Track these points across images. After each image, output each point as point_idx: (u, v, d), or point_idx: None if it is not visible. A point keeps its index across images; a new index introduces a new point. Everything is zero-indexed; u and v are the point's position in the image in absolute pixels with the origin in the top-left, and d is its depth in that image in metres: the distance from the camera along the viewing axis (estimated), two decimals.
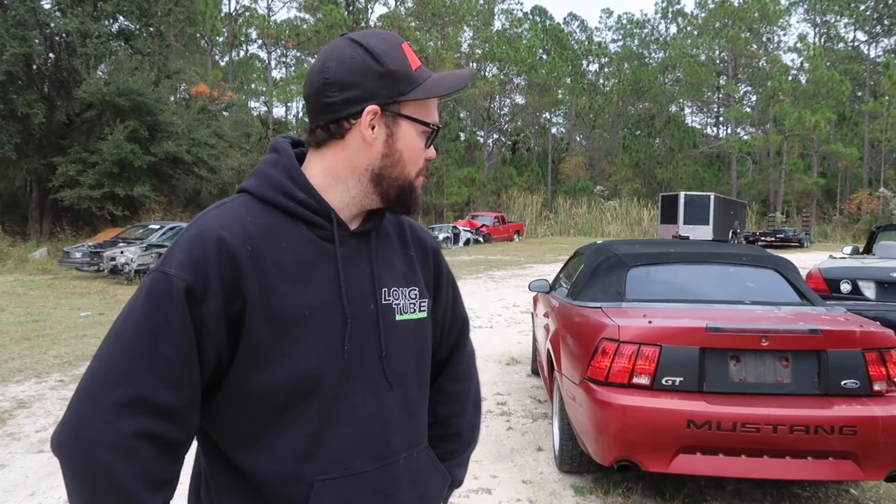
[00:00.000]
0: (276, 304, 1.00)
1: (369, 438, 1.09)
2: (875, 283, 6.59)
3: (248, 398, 1.02)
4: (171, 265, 0.97)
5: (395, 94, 1.06)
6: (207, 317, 0.97)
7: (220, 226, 1.01)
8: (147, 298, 0.96)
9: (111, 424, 0.92)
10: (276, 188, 1.07)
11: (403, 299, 1.16)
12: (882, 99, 41.69)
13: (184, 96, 30.74)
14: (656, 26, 61.62)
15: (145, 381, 0.93)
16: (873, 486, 3.78)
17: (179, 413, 0.96)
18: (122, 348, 0.95)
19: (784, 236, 31.08)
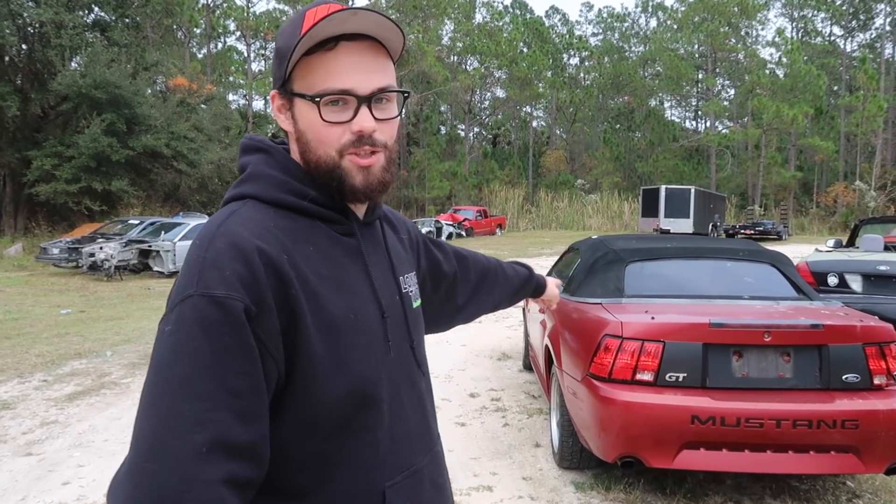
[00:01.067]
0: (324, 312, 0.93)
1: (419, 431, 1.07)
2: (862, 276, 6.66)
3: (313, 417, 0.93)
4: (215, 286, 0.84)
5: (282, 72, 0.98)
6: (265, 337, 0.87)
7: (253, 236, 0.90)
8: (197, 328, 0.83)
9: (196, 477, 0.78)
10: (285, 189, 0.99)
11: (412, 286, 1.16)
12: (858, 93, 42.28)
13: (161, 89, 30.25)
14: (636, 20, 61.99)
15: (218, 419, 0.81)
16: (869, 479, 3.82)
17: (256, 448, 0.85)
18: (181, 388, 0.81)
19: (763, 229, 31.46)
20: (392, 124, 1.00)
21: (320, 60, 0.95)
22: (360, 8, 0.93)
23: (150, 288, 13.20)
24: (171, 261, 14.92)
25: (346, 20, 0.92)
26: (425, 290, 1.33)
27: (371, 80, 0.96)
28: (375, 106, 0.97)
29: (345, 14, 0.91)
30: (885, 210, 38.00)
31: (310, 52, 0.95)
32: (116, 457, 4.11)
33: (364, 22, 0.94)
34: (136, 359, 6.77)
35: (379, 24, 0.95)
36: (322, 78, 0.95)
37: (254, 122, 37.52)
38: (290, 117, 1.00)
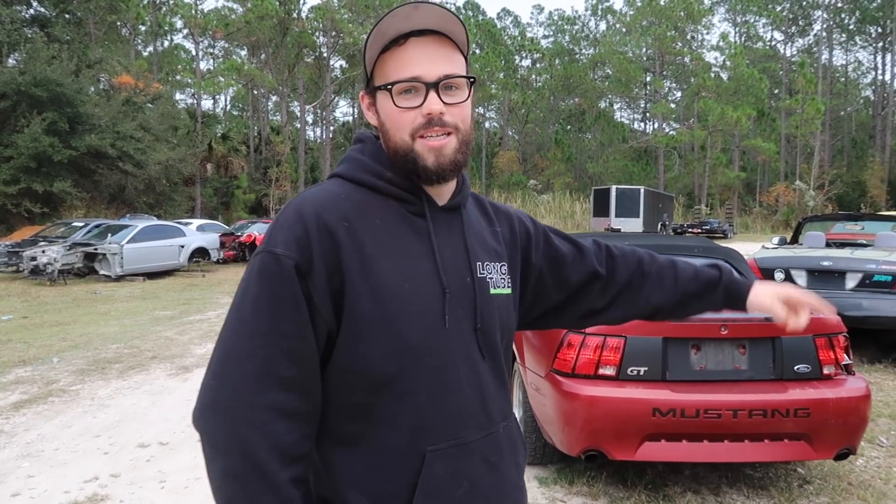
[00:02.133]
0: (376, 277, 1.03)
1: (475, 408, 1.11)
2: (806, 271, 6.93)
3: (357, 370, 1.04)
4: (277, 245, 1.00)
5: (366, 74, 1.13)
6: (314, 291, 1.00)
7: (317, 203, 1.05)
8: (259, 278, 1.00)
9: (243, 398, 0.96)
10: (366, 170, 1.12)
11: (496, 274, 1.20)
12: (797, 96, 43.96)
13: (106, 87, 29.37)
14: (586, 23, 63.09)
15: (269, 354, 0.97)
16: (818, 465, 3.97)
17: (302, 384, 1.00)
18: (243, 326, 0.99)
19: (710, 228, 32.40)
20: (462, 108, 1.09)
21: (392, 56, 1.07)
22: (422, 2, 1.03)
23: (96, 292, 12.80)
24: (118, 264, 14.50)
25: (409, 15, 1.03)
26: (543, 285, 1.34)
27: (437, 67, 1.06)
28: (444, 91, 1.06)
29: (407, 9, 1.02)
30: (823, 209, 39.59)
31: (385, 51, 1.08)
32: (69, 466, 3.97)
33: (426, 16, 1.04)
34: (84, 365, 6.55)
35: (440, 16, 1.05)
36: (394, 69, 1.07)
37: (202, 122, 36.71)
38: (374, 112, 1.13)
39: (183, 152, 29.15)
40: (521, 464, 1.23)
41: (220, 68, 41.55)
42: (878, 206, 42.31)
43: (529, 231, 1.33)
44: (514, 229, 1.30)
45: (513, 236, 1.29)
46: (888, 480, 3.78)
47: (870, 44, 57.16)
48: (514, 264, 1.27)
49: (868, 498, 3.53)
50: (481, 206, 1.29)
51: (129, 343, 7.72)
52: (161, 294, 12.72)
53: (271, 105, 54.60)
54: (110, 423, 4.82)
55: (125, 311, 10.32)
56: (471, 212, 1.23)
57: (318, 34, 41.47)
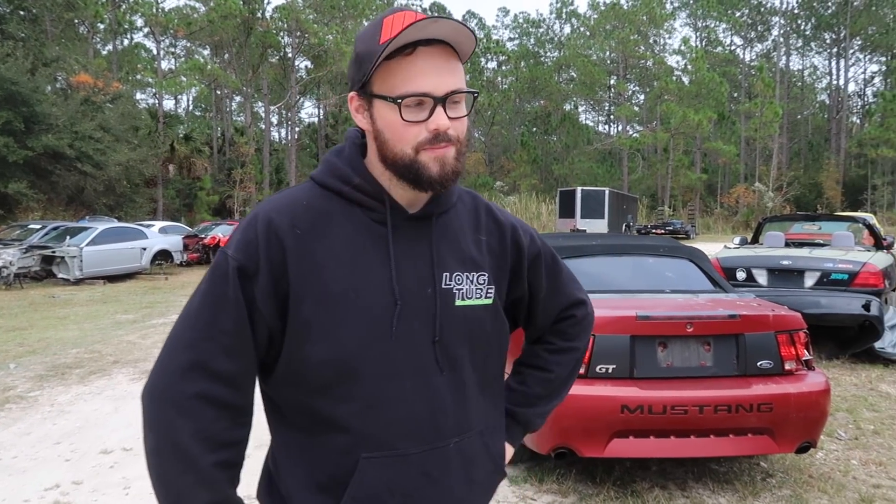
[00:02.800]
0: (324, 285, 1.04)
1: (417, 421, 1.10)
2: (767, 270, 7.11)
3: (297, 372, 1.07)
4: (231, 246, 1.06)
5: (361, 76, 1.06)
6: (257, 294, 1.03)
7: (273, 209, 1.07)
8: (210, 275, 1.06)
9: (175, 384, 1.02)
10: (335, 174, 1.12)
11: (468, 284, 1.15)
12: (756, 100, 45.03)
13: (63, 86, 28.66)
14: (551, 26, 63.66)
15: (205, 347, 1.02)
16: (780, 459, 4.06)
17: (235, 378, 1.04)
18: (188, 318, 1.05)
19: (672, 228, 32.99)
20: (463, 122, 1.08)
21: (399, 65, 1.03)
22: (439, 16, 1.02)
23: (54, 296, 12.46)
24: (77, 267, 14.15)
25: (426, 27, 1.01)
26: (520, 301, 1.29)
27: (445, 82, 1.04)
28: (449, 106, 1.05)
29: (426, 22, 1.00)
30: (781, 209, 40.62)
31: (389, 57, 1.03)
32: (28, 474, 3.86)
33: (442, 28, 1.02)
34: (43, 371, 6.38)
35: (455, 29, 1.03)
36: (402, 81, 1.03)
37: (164, 122, 36.03)
38: (367, 117, 1.09)
39: (144, 153, 28.59)
40: (477, 480, 1.18)
41: (183, 68, 40.85)
42: (834, 206, 43.61)
43: (522, 246, 1.26)
44: (506, 239, 1.24)
45: (502, 246, 1.23)
46: (847, 472, 3.89)
47: (825, 49, 58.90)
48: (499, 275, 1.21)
49: (828, 490, 3.63)
50: (475, 212, 1.23)
51: (90, 348, 7.53)
52: (122, 297, 12.45)
53: (235, 105, 53.91)
54: (71, 429, 4.69)
55: (85, 315, 10.08)
56: (454, 219, 1.18)
57: (283, 34, 41.08)
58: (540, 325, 1.36)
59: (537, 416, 1.37)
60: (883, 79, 55.99)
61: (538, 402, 1.37)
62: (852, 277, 6.77)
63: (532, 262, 1.29)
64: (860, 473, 3.89)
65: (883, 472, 3.91)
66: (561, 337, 1.37)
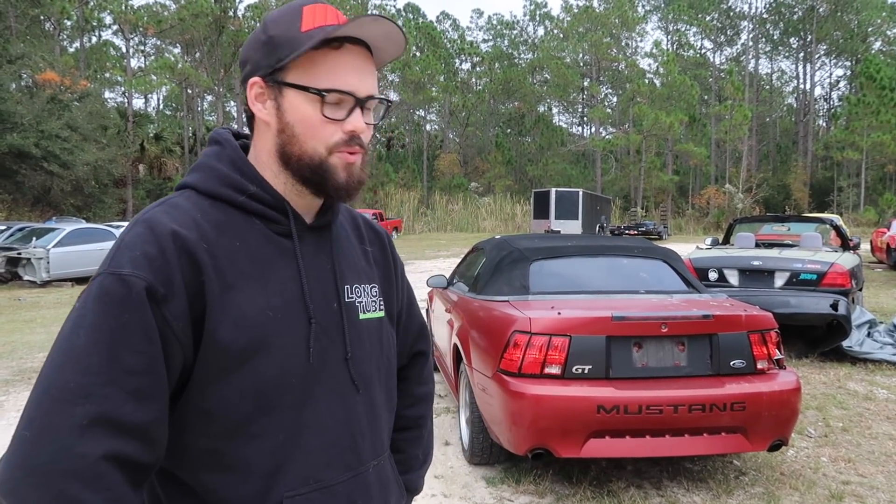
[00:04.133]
0: (237, 306, 0.91)
1: (340, 447, 1.01)
2: (738, 270, 7.21)
3: (209, 411, 0.91)
4: (123, 265, 0.85)
5: (274, 61, 0.96)
6: (171, 319, 0.86)
7: (172, 221, 0.90)
8: (98, 304, 0.84)
9: (72, 449, 0.78)
10: (224, 182, 0.98)
11: (366, 297, 1.10)
12: (726, 103, 45.74)
13: (29, 84, 28.04)
14: (525, 28, 64.02)
15: (106, 394, 0.80)
16: (752, 457, 4.12)
17: (147, 430, 0.84)
18: (74, 361, 0.81)
19: (645, 229, 33.31)
20: (372, 129, 1.03)
21: (325, 57, 0.96)
22: (383, 17, 0.96)
23: (20, 299, 12.17)
24: (44, 269, 13.84)
25: (365, 25, 0.95)
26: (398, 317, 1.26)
27: (367, 84, 0.99)
28: (364, 110, 0.99)
29: (367, 20, 0.94)
30: (751, 211, 41.33)
31: (314, 48, 0.95)
32: None
33: (377, 30, 0.97)
34: (8, 375, 6.22)
35: (387, 34, 0.98)
36: (326, 75, 0.95)
37: (134, 122, 35.46)
38: (273, 108, 0.98)
39: (113, 153, 28.12)
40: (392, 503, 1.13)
41: (153, 66, 40.26)
42: (802, 208, 44.51)
43: (396, 257, 1.26)
44: (386, 249, 1.23)
45: (384, 256, 1.21)
46: (817, 469, 3.96)
47: (792, 54, 60.04)
48: (386, 286, 1.18)
49: (799, 486, 3.69)
50: (354, 222, 1.19)
51: None
52: None
53: (207, 105, 53.25)
54: None
55: (52, 319, 9.85)
56: (342, 230, 1.13)
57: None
58: (400, 352, 1.27)
59: (420, 478, 1.29)
60: (848, 83, 57.30)
61: (420, 465, 1.29)
62: (821, 277, 6.90)
63: (400, 274, 1.26)
64: (830, 470, 3.96)
65: (852, 469, 3.98)
66: (417, 382, 1.32)
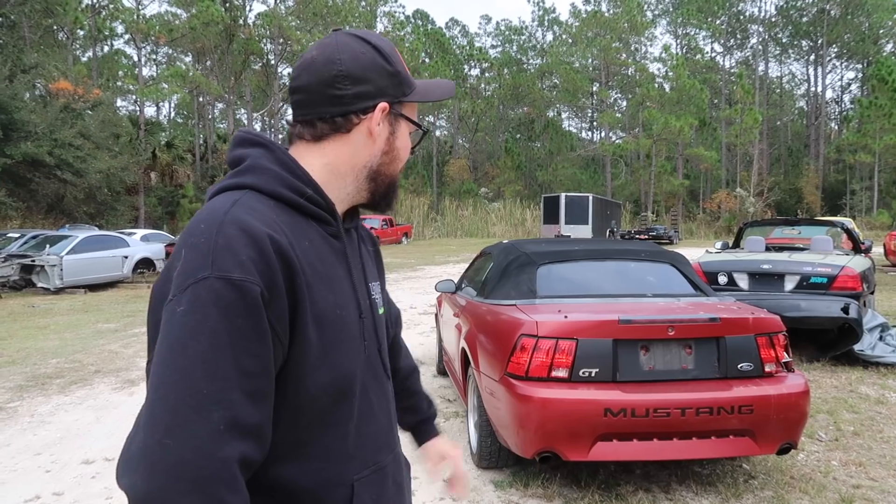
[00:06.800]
0: (318, 304, 0.97)
1: (386, 431, 1.13)
2: (748, 274, 7.18)
3: (296, 404, 0.97)
4: (231, 269, 0.86)
5: (400, 94, 1.10)
6: (275, 321, 0.90)
7: (262, 223, 0.92)
8: (215, 309, 0.85)
9: (214, 454, 0.81)
10: (284, 184, 1.02)
11: (378, 294, 1.21)
12: (736, 107, 45.58)
13: (42, 93, 28.35)
14: (533, 33, 64.01)
15: (234, 398, 0.84)
16: (762, 460, 4.11)
17: (262, 430, 0.88)
18: (200, 367, 0.83)
19: (656, 234, 33.15)
20: None
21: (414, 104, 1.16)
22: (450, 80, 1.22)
23: (34, 305, 12.29)
24: (57, 276, 13.97)
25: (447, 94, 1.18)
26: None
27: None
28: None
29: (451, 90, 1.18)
30: (762, 214, 41.09)
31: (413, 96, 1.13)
32: (7, 486, 3.81)
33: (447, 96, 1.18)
34: (23, 381, 6.29)
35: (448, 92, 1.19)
36: (413, 116, 1.15)
37: (146, 130, 35.75)
38: (387, 131, 1.10)
39: (125, 160, 28.34)
40: (410, 481, 1.27)
41: (164, 75, 40.54)
42: (814, 211, 44.21)
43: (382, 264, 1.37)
44: (378, 249, 1.33)
45: (378, 255, 1.33)
46: (827, 473, 3.94)
47: (802, 56, 59.77)
48: (383, 284, 1.30)
49: (809, 490, 3.67)
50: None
51: (71, 357, 7.44)
52: (104, 306, 12.30)
53: (217, 112, 53.59)
54: (52, 440, 4.63)
55: (66, 325, 9.95)
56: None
57: (266, 41, 40.99)
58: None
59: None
60: (860, 86, 56.95)
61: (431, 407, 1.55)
62: (831, 281, 6.86)
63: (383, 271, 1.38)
64: (840, 474, 3.94)
65: (863, 473, 3.96)
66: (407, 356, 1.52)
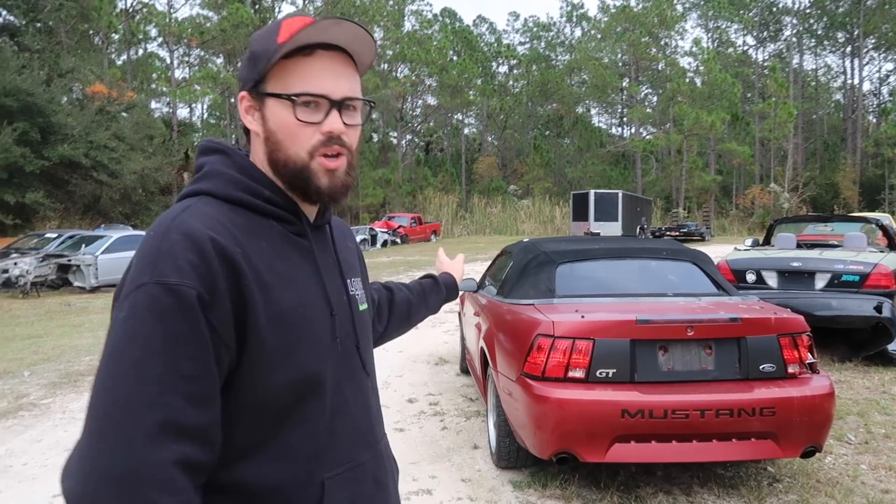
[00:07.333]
0: (276, 304, 0.98)
1: (362, 428, 1.11)
2: (777, 272, 7.04)
3: (255, 405, 0.97)
4: (168, 274, 0.88)
5: (255, 74, 1.04)
6: (218, 324, 0.90)
7: (206, 227, 0.93)
8: (149, 314, 0.86)
9: (147, 457, 0.82)
10: (240, 187, 1.03)
11: (359, 290, 1.21)
12: (770, 100, 44.63)
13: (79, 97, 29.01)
14: (562, 29, 63.47)
15: (168, 401, 0.85)
16: (787, 463, 4.03)
17: (207, 432, 0.89)
18: (134, 371, 0.84)
19: (687, 231, 32.69)
20: (357, 130, 1.08)
21: (297, 64, 1.02)
22: (342, 18, 1.01)
23: (70, 304, 12.60)
24: (93, 275, 14.29)
25: (328, 29, 1.00)
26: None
27: (342, 86, 1.04)
28: (344, 112, 1.05)
29: (328, 23, 0.99)
30: (797, 210, 40.19)
31: (287, 57, 1.01)
32: (37, 481, 3.91)
33: (345, 33, 1.02)
34: (56, 378, 6.46)
35: (357, 36, 1.04)
36: (299, 80, 1.01)
37: (179, 131, 36.39)
38: (259, 118, 1.05)
39: (159, 161, 28.88)
40: (395, 479, 1.24)
41: (196, 76, 41.21)
42: (851, 207, 43.08)
43: (359, 250, 1.37)
44: (356, 244, 1.34)
45: (359, 251, 1.33)
46: (855, 477, 3.85)
47: (838, 48, 58.25)
48: (364, 278, 1.31)
49: (836, 495, 3.59)
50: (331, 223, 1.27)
51: None
52: None
53: None
54: None
55: (100, 323, 10.18)
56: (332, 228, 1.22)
57: None
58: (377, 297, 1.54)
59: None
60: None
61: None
62: (864, 279, 6.69)
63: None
64: (869, 478, 3.84)
65: (893, 477, 3.86)
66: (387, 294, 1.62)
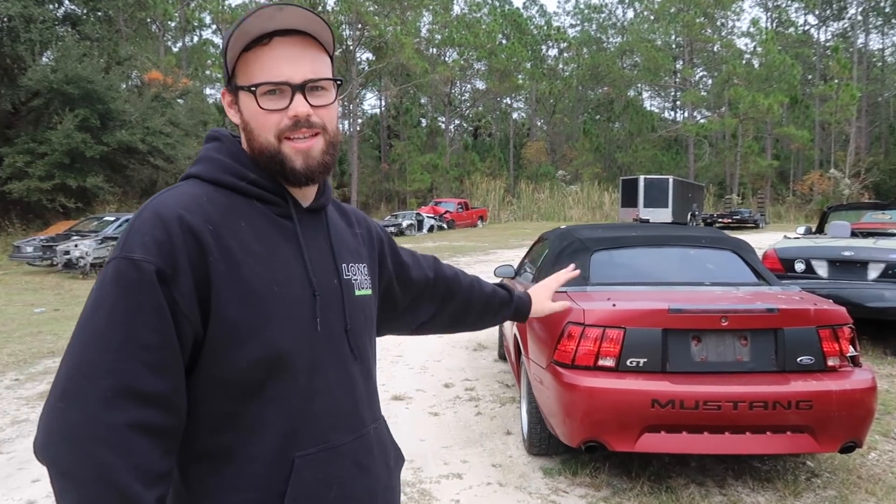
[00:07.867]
0: (245, 281, 1.00)
1: (345, 410, 1.12)
2: (827, 261, 6.80)
3: (224, 378, 1.01)
4: (134, 250, 0.95)
5: (226, 71, 1.10)
6: (179, 298, 0.95)
7: (179, 206, 1.00)
8: (114, 287, 0.94)
9: (99, 418, 0.88)
10: (226, 170, 1.09)
11: (359, 275, 1.22)
12: (832, 82, 42.83)
13: (136, 83, 29.85)
14: (613, 11, 62.10)
15: (126, 368, 0.91)
16: (828, 458, 3.92)
17: (167, 399, 0.94)
18: (96, 339, 0.92)
19: (740, 217, 31.81)
20: (329, 109, 1.11)
21: (256, 55, 1.06)
22: (285, 3, 1.03)
23: None
24: None
25: (274, 16, 1.03)
26: (392, 292, 1.41)
27: (302, 69, 1.06)
28: (310, 94, 1.07)
29: (271, 10, 1.01)
30: (859, 197, 38.57)
31: (247, 49, 1.06)
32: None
33: (291, 17, 1.04)
34: None
35: (305, 17, 1.05)
36: (259, 70, 1.06)
37: None
38: (237, 111, 1.11)
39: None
40: (391, 465, 1.24)
41: None
42: None
43: (382, 237, 1.40)
44: (371, 232, 1.35)
45: (370, 239, 1.33)
46: None
47: None
48: (373, 266, 1.30)
49: (877, 492, 3.49)
50: (340, 209, 1.31)
51: None
52: None
53: None
54: None
55: None
56: (332, 213, 1.24)
57: (344, 26, 41.61)
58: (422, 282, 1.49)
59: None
60: None
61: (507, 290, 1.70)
62: None
63: (391, 246, 1.42)
64: None
65: None
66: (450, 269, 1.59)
